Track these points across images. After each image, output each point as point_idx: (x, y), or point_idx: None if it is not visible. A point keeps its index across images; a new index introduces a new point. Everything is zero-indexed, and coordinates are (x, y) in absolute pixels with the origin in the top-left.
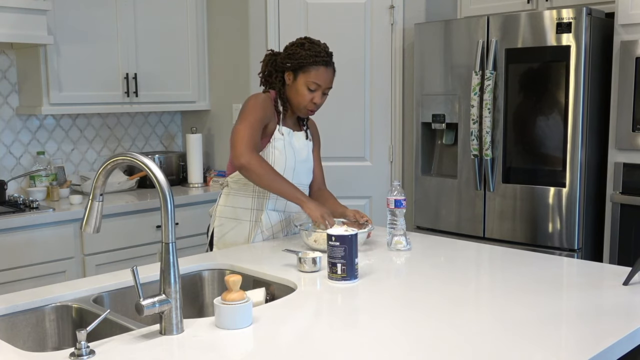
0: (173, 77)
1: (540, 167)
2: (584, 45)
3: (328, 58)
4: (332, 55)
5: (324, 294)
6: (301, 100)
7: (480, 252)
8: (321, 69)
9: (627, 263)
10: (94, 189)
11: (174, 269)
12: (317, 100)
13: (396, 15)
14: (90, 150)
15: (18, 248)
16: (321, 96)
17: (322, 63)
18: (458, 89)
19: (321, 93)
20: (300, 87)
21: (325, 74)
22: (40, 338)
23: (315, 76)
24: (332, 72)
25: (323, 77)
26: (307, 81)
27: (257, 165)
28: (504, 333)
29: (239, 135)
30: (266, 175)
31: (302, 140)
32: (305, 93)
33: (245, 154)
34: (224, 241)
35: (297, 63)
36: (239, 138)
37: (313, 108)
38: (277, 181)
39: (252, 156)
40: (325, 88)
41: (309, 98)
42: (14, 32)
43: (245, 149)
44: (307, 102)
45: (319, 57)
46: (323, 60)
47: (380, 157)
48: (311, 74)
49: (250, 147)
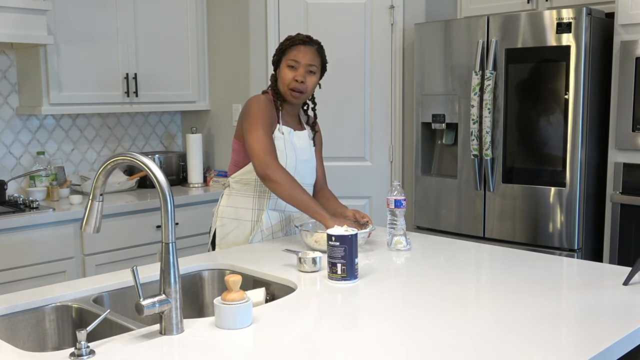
0: (173, 77)
1: (540, 167)
2: (584, 45)
3: (306, 39)
4: (315, 40)
5: (324, 294)
6: (284, 81)
7: (480, 252)
8: (299, 47)
9: (627, 263)
10: (94, 189)
11: (174, 269)
12: (299, 77)
13: (396, 15)
14: (90, 150)
15: (18, 248)
16: (304, 74)
17: (299, 42)
18: (458, 89)
19: (303, 71)
20: (282, 70)
21: (303, 51)
22: (40, 338)
23: (294, 54)
24: (314, 51)
25: (301, 54)
26: (287, 61)
27: (281, 176)
28: (504, 333)
29: (259, 142)
30: (288, 186)
31: (303, 140)
32: (287, 72)
33: (270, 164)
34: (226, 241)
35: (278, 52)
36: (259, 146)
37: (296, 86)
38: (300, 195)
39: (277, 167)
40: (306, 65)
41: (290, 76)
42: (14, 32)
43: (269, 158)
44: (289, 81)
45: (296, 39)
46: (299, 39)
47: (380, 157)
48: (290, 53)
49: (273, 156)
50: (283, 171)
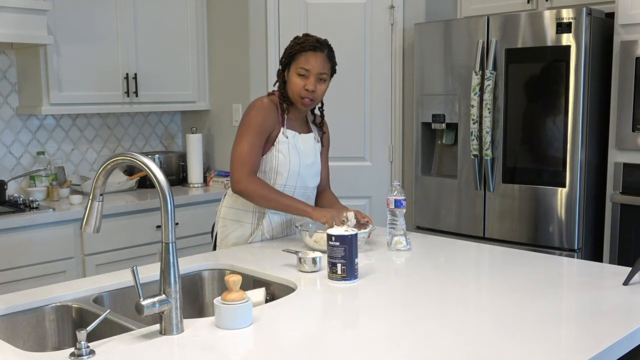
0: (173, 77)
1: (540, 167)
2: (584, 45)
3: (317, 44)
4: (325, 44)
5: (324, 294)
6: (294, 89)
7: (480, 252)
8: (309, 54)
9: (627, 263)
10: (94, 189)
11: (174, 269)
12: (309, 86)
13: (396, 15)
14: (90, 150)
15: (18, 248)
16: (314, 83)
17: (310, 48)
18: (458, 89)
19: (314, 80)
20: (292, 76)
21: (313, 59)
22: (40, 338)
23: (304, 61)
24: (325, 58)
25: (312, 62)
26: (297, 69)
27: (255, 189)
28: (503, 333)
29: (237, 158)
30: (266, 197)
31: (308, 143)
32: (297, 81)
33: (242, 180)
34: (226, 243)
35: (287, 55)
36: (236, 162)
37: (306, 95)
38: (277, 200)
39: (249, 181)
40: (317, 73)
41: (301, 85)
42: (14, 32)
43: (243, 175)
44: (299, 89)
45: (306, 44)
46: (310, 45)
47: (380, 157)
48: (300, 60)
49: (247, 172)
50: (256, 183)
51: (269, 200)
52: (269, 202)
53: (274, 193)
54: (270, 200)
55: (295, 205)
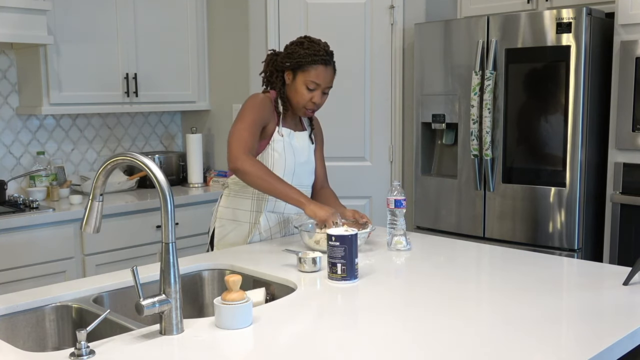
0: (173, 77)
1: (540, 167)
2: (584, 45)
3: (327, 57)
4: (332, 54)
5: (324, 294)
6: (300, 100)
7: (480, 252)
8: (320, 68)
9: (627, 263)
10: (94, 189)
11: (174, 269)
12: (317, 99)
13: (396, 15)
14: (90, 150)
15: (18, 248)
16: (321, 96)
17: (321, 62)
18: (458, 89)
19: (320, 92)
20: (299, 86)
21: (324, 73)
22: (40, 338)
23: (315, 75)
24: (332, 71)
25: (322, 77)
26: (306, 80)
27: (252, 167)
28: (504, 333)
29: (234, 137)
30: (262, 177)
31: (303, 141)
32: (304, 92)
33: (239, 157)
34: (224, 242)
35: (296, 62)
36: (234, 140)
37: (312, 107)
38: (274, 183)
39: (247, 159)
40: (325, 87)
41: (307, 97)
42: (14, 32)
43: (240, 152)
44: (306, 102)
45: (318, 56)
46: (322, 59)
47: (380, 157)
48: (310, 73)
49: (245, 150)
50: (254, 162)
51: (265, 182)
52: (265, 184)
53: (272, 176)
54: (267, 182)
55: (290, 195)
